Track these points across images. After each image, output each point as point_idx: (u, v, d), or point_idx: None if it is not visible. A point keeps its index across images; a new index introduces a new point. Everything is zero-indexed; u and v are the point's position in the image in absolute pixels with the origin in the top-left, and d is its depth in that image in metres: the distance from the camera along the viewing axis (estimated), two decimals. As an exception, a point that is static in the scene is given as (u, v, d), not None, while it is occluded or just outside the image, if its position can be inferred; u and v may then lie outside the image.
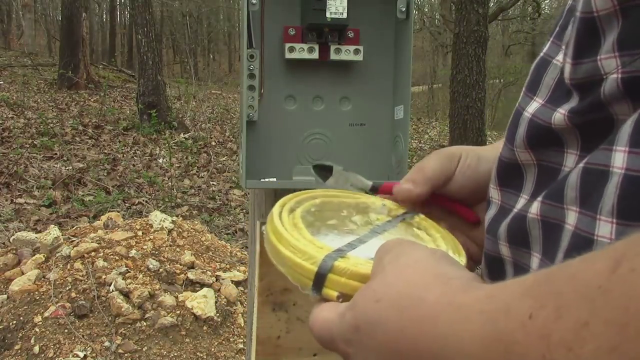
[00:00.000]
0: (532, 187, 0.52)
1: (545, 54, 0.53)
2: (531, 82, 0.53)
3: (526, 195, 0.52)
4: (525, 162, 0.52)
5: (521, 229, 0.50)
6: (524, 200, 0.52)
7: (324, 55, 1.15)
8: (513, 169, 0.54)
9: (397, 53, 1.19)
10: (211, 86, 15.60)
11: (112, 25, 24.06)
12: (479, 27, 6.15)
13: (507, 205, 0.54)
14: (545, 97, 0.50)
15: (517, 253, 0.51)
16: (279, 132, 1.18)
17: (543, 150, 0.50)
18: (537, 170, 0.51)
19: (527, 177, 0.53)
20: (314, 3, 1.11)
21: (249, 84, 1.13)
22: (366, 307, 0.42)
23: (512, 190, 0.54)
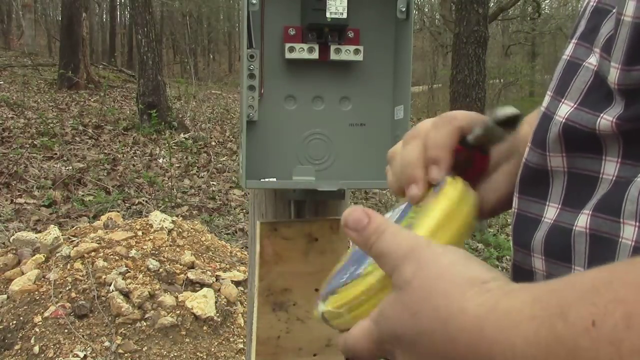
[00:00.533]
0: (561, 196, 0.50)
1: (572, 57, 0.52)
2: (559, 85, 0.52)
3: (555, 204, 0.51)
4: (556, 168, 0.51)
5: (562, 242, 0.48)
6: (555, 210, 0.50)
7: (324, 55, 1.15)
8: (539, 176, 0.52)
9: (397, 53, 1.19)
10: (211, 86, 15.60)
11: (112, 25, 24.06)
12: (479, 27, 6.15)
13: (531, 214, 0.53)
14: (576, 100, 0.49)
15: (554, 267, 0.50)
16: (279, 132, 1.18)
17: (578, 156, 0.49)
18: (566, 177, 0.50)
19: (554, 184, 0.51)
20: (314, 3, 1.11)
21: (249, 84, 1.13)
22: (402, 320, 0.42)
23: (534, 198, 0.53)
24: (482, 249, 5.62)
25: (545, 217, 0.51)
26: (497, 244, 5.69)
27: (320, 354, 1.22)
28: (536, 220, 0.52)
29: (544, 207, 0.51)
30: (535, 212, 0.52)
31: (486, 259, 5.25)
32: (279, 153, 1.18)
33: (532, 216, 0.52)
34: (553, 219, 0.50)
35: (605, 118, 0.46)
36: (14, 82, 11.57)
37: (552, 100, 0.52)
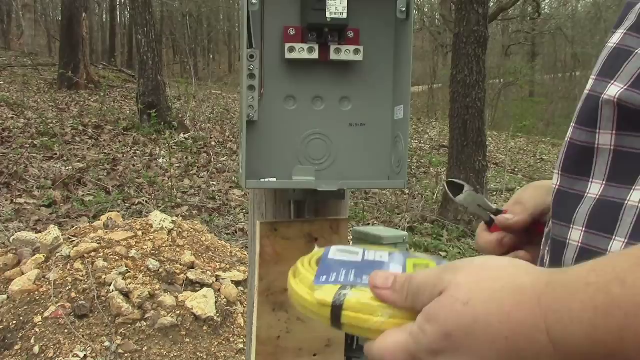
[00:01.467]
0: (605, 173, 0.54)
1: (621, 45, 0.56)
2: (605, 68, 0.56)
3: (599, 180, 0.54)
4: (603, 146, 0.54)
5: (609, 215, 0.52)
6: (599, 186, 0.54)
7: (324, 55, 1.15)
8: (584, 153, 0.56)
9: (397, 53, 1.19)
10: (211, 86, 15.60)
11: (112, 25, 24.05)
12: (479, 27, 6.15)
13: (573, 191, 0.57)
14: (627, 82, 0.53)
15: (593, 238, 0.54)
16: (279, 132, 1.18)
17: (627, 134, 0.53)
18: (612, 155, 0.54)
19: (597, 162, 0.55)
20: (314, 3, 1.11)
21: (249, 84, 1.13)
22: (453, 312, 0.43)
23: (577, 175, 0.57)
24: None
25: (589, 193, 0.55)
26: (497, 244, 5.68)
27: (320, 354, 1.22)
28: (579, 196, 0.56)
29: (587, 183, 0.56)
30: (578, 189, 0.56)
31: (486, 259, 5.25)
32: (279, 153, 1.18)
33: (574, 192, 0.57)
34: (598, 194, 0.54)
35: None
36: (14, 82, 11.57)
37: (597, 82, 0.56)
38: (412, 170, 9.02)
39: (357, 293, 0.51)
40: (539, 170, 10.85)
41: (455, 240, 5.83)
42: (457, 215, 6.23)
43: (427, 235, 5.92)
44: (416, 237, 5.69)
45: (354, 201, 6.83)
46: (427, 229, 6.10)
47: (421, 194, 7.65)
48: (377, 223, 6.11)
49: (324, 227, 1.20)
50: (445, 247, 5.52)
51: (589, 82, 0.58)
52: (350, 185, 1.18)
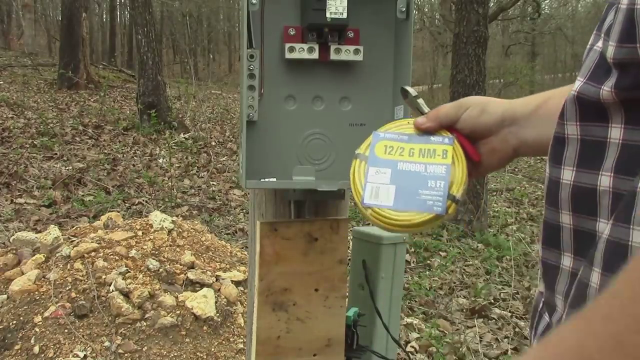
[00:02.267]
0: (575, 160, 0.60)
1: (590, 44, 0.62)
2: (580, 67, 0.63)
3: (569, 167, 0.60)
4: (571, 135, 0.60)
5: (587, 199, 0.58)
6: (570, 172, 0.60)
7: (324, 55, 1.15)
8: (559, 144, 0.62)
9: (397, 53, 1.19)
10: (211, 86, 15.60)
11: (112, 25, 24.06)
12: (479, 27, 6.15)
13: (554, 178, 0.62)
14: (585, 76, 0.59)
15: (583, 220, 0.59)
16: (279, 132, 1.18)
17: (589, 124, 0.58)
18: (579, 144, 0.59)
19: (568, 150, 0.61)
20: (314, 3, 1.11)
21: (249, 84, 1.13)
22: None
23: (555, 163, 0.62)
24: (482, 249, 5.62)
25: (563, 179, 0.61)
26: (497, 244, 5.69)
27: (320, 354, 1.22)
28: (557, 182, 0.61)
29: (560, 170, 0.60)
30: (555, 176, 0.62)
31: (486, 259, 5.25)
32: (279, 153, 1.18)
33: (554, 179, 0.62)
34: (572, 180, 0.60)
35: (605, 89, 0.55)
36: (14, 82, 11.57)
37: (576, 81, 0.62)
38: (412, 170, 9.01)
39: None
40: (539, 170, 10.85)
41: (455, 240, 5.83)
42: (457, 215, 6.23)
43: (427, 235, 5.92)
44: (416, 237, 5.69)
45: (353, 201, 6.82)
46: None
47: (421, 194, 7.63)
48: (377, 223, 6.09)
49: (324, 227, 1.20)
50: (445, 247, 5.52)
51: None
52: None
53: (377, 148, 0.87)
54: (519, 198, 8.10)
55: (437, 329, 3.69)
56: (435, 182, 0.81)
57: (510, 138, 0.82)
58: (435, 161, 0.83)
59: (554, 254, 0.64)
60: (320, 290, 1.20)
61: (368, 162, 0.86)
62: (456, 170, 0.82)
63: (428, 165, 0.83)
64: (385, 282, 1.39)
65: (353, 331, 1.30)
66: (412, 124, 0.88)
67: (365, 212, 0.83)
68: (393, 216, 0.81)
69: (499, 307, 4.23)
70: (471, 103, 0.85)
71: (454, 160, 0.83)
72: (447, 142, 0.84)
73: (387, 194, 0.82)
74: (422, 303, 4.17)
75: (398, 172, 0.83)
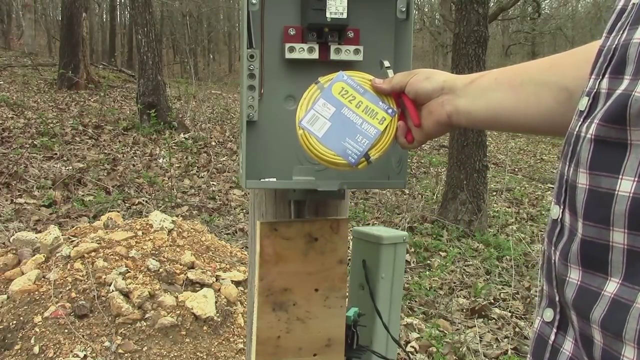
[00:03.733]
0: (637, 169, 0.52)
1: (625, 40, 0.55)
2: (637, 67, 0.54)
3: (630, 177, 0.52)
4: (636, 141, 0.52)
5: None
6: (630, 182, 0.52)
7: (324, 55, 1.15)
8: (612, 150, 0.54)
9: (397, 53, 1.19)
10: (211, 86, 15.60)
11: (112, 25, 24.05)
12: (479, 27, 6.15)
13: (602, 189, 0.54)
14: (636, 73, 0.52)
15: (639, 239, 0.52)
16: (279, 132, 1.18)
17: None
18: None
19: (629, 158, 0.53)
20: (314, 3, 1.10)
21: (249, 84, 1.13)
22: None
23: (605, 172, 0.54)
24: (482, 249, 5.62)
25: (620, 190, 0.52)
26: (497, 244, 5.69)
27: (320, 354, 1.22)
28: (609, 195, 0.53)
29: (615, 180, 0.53)
30: (606, 187, 0.54)
31: (486, 259, 5.25)
32: (279, 153, 1.18)
33: (603, 190, 0.54)
34: (631, 192, 0.51)
35: None
36: (14, 82, 11.57)
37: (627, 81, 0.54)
38: (412, 170, 9.02)
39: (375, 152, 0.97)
40: (539, 170, 10.85)
41: (455, 240, 5.83)
42: (457, 215, 6.23)
43: (427, 235, 5.92)
44: (416, 237, 5.69)
45: (354, 201, 6.83)
46: (427, 229, 6.10)
47: (421, 194, 7.65)
48: (377, 223, 6.11)
49: (324, 227, 1.20)
50: (445, 247, 5.52)
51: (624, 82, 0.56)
52: (350, 185, 1.18)
53: (336, 86, 0.97)
54: (519, 198, 8.10)
55: (437, 329, 3.69)
56: (361, 138, 0.94)
57: (445, 104, 0.91)
58: (371, 122, 0.95)
59: (597, 279, 0.56)
60: (320, 290, 1.20)
61: (322, 93, 0.97)
62: (382, 138, 0.95)
63: (365, 122, 0.95)
64: (385, 282, 1.39)
65: (353, 331, 1.30)
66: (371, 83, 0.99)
67: (298, 130, 0.96)
68: (315, 145, 0.94)
69: (499, 307, 4.23)
70: (420, 71, 0.95)
71: (386, 129, 0.95)
72: (389, 113, 0.96)
73: (321, 126, 0.95)
74: (422, 303, 4.17)
75: (339, 114, 0.95)
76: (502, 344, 3.61)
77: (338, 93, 0.97)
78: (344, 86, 0.97)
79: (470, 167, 6.25)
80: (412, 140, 0.96)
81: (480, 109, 0.88)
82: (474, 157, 6.25)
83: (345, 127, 0.95)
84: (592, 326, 0.55)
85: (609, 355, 0.53)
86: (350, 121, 0.95)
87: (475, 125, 0.93)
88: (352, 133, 0.95)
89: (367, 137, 0.94)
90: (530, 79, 0.83)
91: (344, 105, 0.96)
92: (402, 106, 0.97)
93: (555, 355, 0.61)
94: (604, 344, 0.54)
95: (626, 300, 0.52)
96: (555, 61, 0.83)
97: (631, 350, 0.51)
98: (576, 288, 0.57)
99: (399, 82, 0.95)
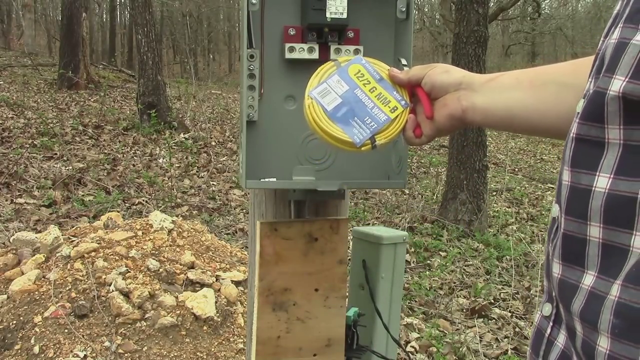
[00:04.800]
0: (614, 166, 0.54)
1: (620, 38, 0.56)
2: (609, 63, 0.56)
3: (606, 174, 0.54)
4: (612, 140, 0.54)
5: (625, 210, 0.52)
6: (606, 179, 0.54)
7: (324, 55, 1.15)
8: (591, 148, 0.56)
9: (397, 53, 1.19)
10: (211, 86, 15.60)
11: (112, 25, 24.05)
12: (479, 27, 6.15)
13: (582, 185, 0.57)
14: (627, 74, 0.53)
15: (614, 234, 0.54)
16: (279, 132, 1.18)
17: (635, 128, 0.53)
18: (621, 149, 0.54)
19: (607, 155, 0.55)
20: (314, 3, 1.11)
21: (249, 84, 1.13)
22: None
23: (584, 170, 0.57)
24: (482, 249, 5.62)
25: (597, 187, 0.55)
26: (497, 244, 5.69)
27: (320, 354, 1.22)
28: (586, 190, 0.56)
29: (594, 177, 0.56)
30: (585, 183, 0.56)
31: (486, 259, 5.25)
32: (279, 153, 1.18)
33: (582, 187, 0.57)
34: (607, 188, 0.54)
35: None
36: (14, 82, 11.57)
37: (602, 78, 0.56)
38: (412, 170, 9.02)
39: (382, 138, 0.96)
40: (539, 170, 10.85)
41: (455, 240, 5.83)
42: (457, 215, 6.23)
43: (427, 235, 5.92)
44: (416, 237, 5.69)
45: (354, 201, 6.84)
46: (427, 229, 6.10)
47: (421, 194, 7.65)
48: (377, 223, 6.11)
49: (324, 227, 1.20)
50: (445, 247, 5.52)
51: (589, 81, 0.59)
52: (350, 185, 1.18)
53: (352, 67, 0.96)
54: (519, 198, 8.10)
55: (437, 329, 3.69)
56: (370, 121, 0.93)
57: (462, 99, 0.89)
58: (383, 109, 0.94)
59: (576, 272, 0.58)
60: (320, 290, 1.20)
61: (337, 70, 0.96)
62: (391, 126, 0.94)
63: (376, 107, 0.94)
64: (385, 282, 1.39)
65: (353, 331, 1.30)
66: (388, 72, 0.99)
67: (306, 100, 0.94)
68: (321, 117, 0.92)
69: (499, 307, 4.23)
70: (438, 65, 0.95)
71: (396, 119, 0.94)
72: (402, 104, 0.95)
73: (331, 101, 0.93)
74: (422, 303, 4.17)
75: (352, 94, 0.94)
76: (502, 344, 3.61)
77: (354, 74, 0.96)
78: (360, 69, 0.96)
79: (470, 167, 6.24)
80: (420, 135, 0.95)
81: (498, 107, 0.87)
82: (474, 157, 6.25)
83: (356, 107, 0.93)
84: (573, 318, 0.57)
85: (587, 346, 0.55)
86: (361, 102, 0.94)
87: (490, 124, 0.90)
88: (362, 114, 0.93)
89: (376, 121, 0.93)
90: (553, 80, 0.83)
91: (358, 87, 0.94)
92: (415, 100, 0.96)
93: (549, 348, 0.63)
94: (583, 334, 0.56)
95: (601, 292, 0.54)
96: (578, 65, 0.83)
97: (605, 340, 0.53)
98: (558, 281, 0.60)
99: (416, 74, 0.94)
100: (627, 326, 0.51)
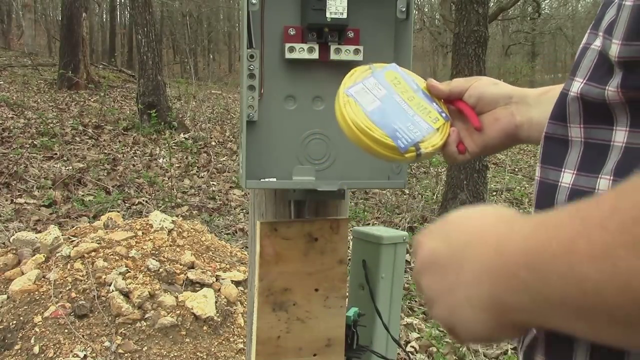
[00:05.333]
0: (576, 163, 0.58)
1: (585, 44, 0.61)
2: (573, 66, 0.61)
3: (570, 170, 0.59)
4: (574, 138, 0.59)
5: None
6: (570, 175, 0.58)
7: (324, 55, 1.15)
8: (558, 146, 0.60)
9: (397, 53, 1.19)
10: (211, 86, 15.60)
11: (112, 25, 24.06)
12: (479, 27, 6.15)
13: (549, 181, 0.61)
14: (585, 76, 0.58)
15: None
16: (279, 132, 1.18)
17: (594, 126, 0.57)
18: (583, 147, 0.58)
19: (571, 153, 0.59)
20: (314, 3, 1.10)
21: (249, 84, 1.13)
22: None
23: (552, 166, 0.61)
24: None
25: (562, 182, 0.59)
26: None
27: (320, 354, 1.22)
28: (554, 186, 0.60)
29: (559, 173, 0.60)
30: (552, 179, 0.60)
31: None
32: (279, 153, 1.18)
33: (550, 182, 0.61)
34: (571, 183, 0.58)
35: (610, 90, 0.54)
36: (14, 82, 11.57)
37: (567, 80, 0.61)
38: (412, 170, 9.02)
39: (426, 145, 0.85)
40: (539, 170, 10.83)
41: (455, 240, 5.82)
42: (457, 215, 6.22)
43: (427, 235, 5.91)
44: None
45: (354, 201, 6.83)
46: (427, 229, 6.09)
47: (421, 194, 7.65)
48: (377, 223, 6.10)
49: (324, 227, 1.20)
50: (445, 247, 5.51)
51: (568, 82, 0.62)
52: (350, 185, 1.18)
53: (388, 73, 0.89)
54: (519, 198, 8.10)
55: (437, 329, 3.69)
56: (414, 127, 0.84)
57: (516, 113, 0.84)
58: (424, 118, 0.85)
59: None
60: (320, 290, 1.20)
61: (373, 73, 0.88)
62: (434, 137, 0.85)
63: (417, 115, 0.85)
64: (385, 282, 1.39)
65: (353, 331, 1.30)
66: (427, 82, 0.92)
67: (342, 98, 0.83)
68: (361, 117, 0.82)
69: (499, 307, 4.22)
70: (482, 77, 0.90)
71: (439, 130, 0.85)
72: (443, 116, 0.87)
73: (370, 102, 0.84)
74: (422, 303, 4.17)
75: (391, 98, 0.85)
76: (502, 344, 3.61)
77: (390, 80, 0.88)
78: (397, 76, 0.89)
79: (470, 167, 6.24)
80: (464, 151, 0.88)
81: None
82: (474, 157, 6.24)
83: (396, 112, 0.84)
84: None
85: None
86: (401, 108, 0.85)
87: None
88: (404, 119, 0.84)
89: (419, 128, 0.84)
90: None
91: (396, 93, 0.86)
92: (453, 115, 0.89)
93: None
94: None
95: None
96: None
97: None
98: None
99: (459, 86, 0.88)
100: None
